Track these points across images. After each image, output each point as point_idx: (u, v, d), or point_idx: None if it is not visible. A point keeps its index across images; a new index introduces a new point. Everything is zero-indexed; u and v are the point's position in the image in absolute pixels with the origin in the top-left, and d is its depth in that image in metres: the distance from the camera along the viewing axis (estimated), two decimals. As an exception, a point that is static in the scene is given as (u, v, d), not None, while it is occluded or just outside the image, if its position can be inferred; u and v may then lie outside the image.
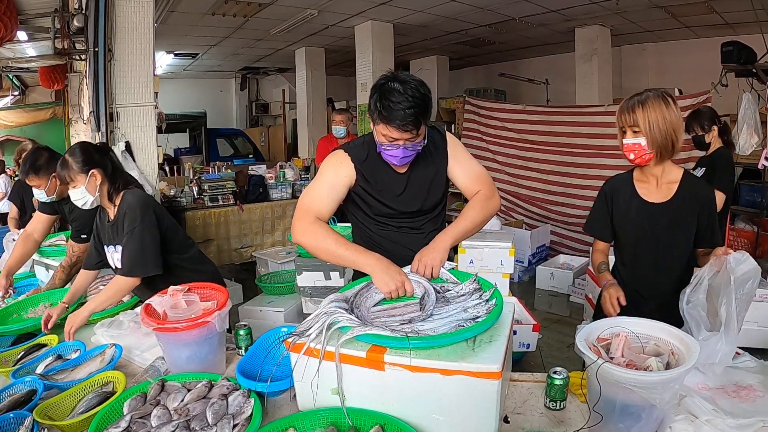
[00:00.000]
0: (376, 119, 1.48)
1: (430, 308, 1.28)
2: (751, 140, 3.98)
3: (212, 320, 1.42)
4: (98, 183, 1.89)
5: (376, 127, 1.50)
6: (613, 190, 1.73)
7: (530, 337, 3.05)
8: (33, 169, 2.31)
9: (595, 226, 1.79)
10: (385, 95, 1.43)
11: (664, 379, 1.04)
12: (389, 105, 1.42)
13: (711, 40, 6.12)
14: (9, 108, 7.87)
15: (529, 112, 5.82)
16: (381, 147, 1.53)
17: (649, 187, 1.66)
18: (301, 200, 1.58)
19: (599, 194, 1.78)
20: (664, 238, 1.63)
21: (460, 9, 5.87)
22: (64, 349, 1.70)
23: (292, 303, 3.25)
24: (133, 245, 1.82)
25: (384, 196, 1.63)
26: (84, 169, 1.87)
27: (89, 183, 1.87)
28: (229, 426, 1.15)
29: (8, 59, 5.26)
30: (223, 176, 5.24)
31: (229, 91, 12.28)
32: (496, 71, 8.90)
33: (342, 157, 1.62)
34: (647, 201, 1.65)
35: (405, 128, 1.44)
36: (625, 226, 1.70)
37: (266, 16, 6.12)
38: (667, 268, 1.65)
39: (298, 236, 1.53)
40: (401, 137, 1.46)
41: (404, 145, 1.48)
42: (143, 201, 1.89)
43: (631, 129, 1.57)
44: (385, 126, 1.45)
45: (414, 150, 1.52)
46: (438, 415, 1.09)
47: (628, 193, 1.69)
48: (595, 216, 1.79)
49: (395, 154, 1.51)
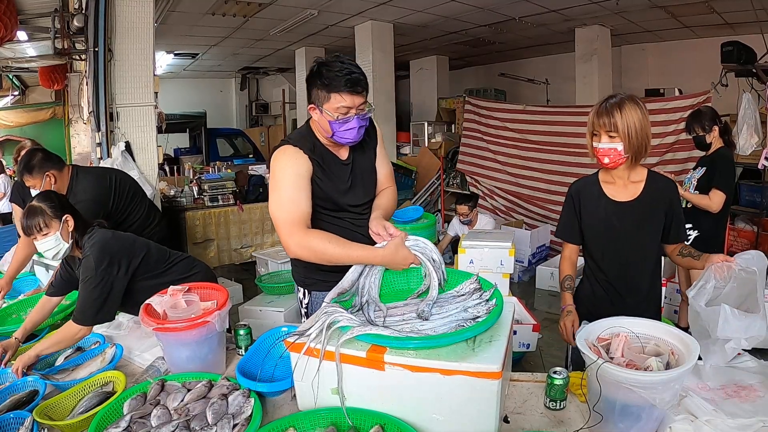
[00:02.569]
0: (324, 95, 1.45)
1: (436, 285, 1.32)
2: (751, 140, 3.97)
3: (212, 320, 1.43)
4: (70, 229, 1.79)
5: (325, 106, 1.46)
6: (579, 191, 1.73)
7: (530, 337, 3.05)
8: (27, 169, 2.31)
9: (564, 230, 1.78)
10: (327, 68, 1.44)
11: (664, 379, 1.04)
12: (335, 74, 1.43)
13: (711, 40, 6.12)
14: (9, 108, 7.88)
15: (529, 112, 5.82)
16: (334, 125, 1.48)
17: (615, 187, 1.66)
18: (276, 215, 1.47)
19: (566, 198, 1.77)
20: (634, 235, 1.63)
21: (460, 9, 5.87)
22: (84, 341, 1.72)
23: (292, 303, 3.25)
24: (85, 295, 1.70)
25: (336, 187, 1.59)
26: (58, 214, 1.77)
27: (63, 229, 1.76)
28: (229, 426, 1.15)
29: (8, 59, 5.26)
30: (223, 176, 5.23)
31: (229, 91, 12.28)
32: (496, 71, 8.91)
33: (293, 151, 1.53)
34: (615, 200, 1.65)
35: (355, 90, 1.44)
36: (595, 227, 1.70)
37: (266, 16, 6.12)
38: (638, 264, 1.67)
39: (296, 252, 1.46)
40: (353, 104, 1.45)
41: (357, 113, 1.47)
42: (101, 248, 1.74)
43: (607, 133, 1.55)
44: (337, 95, 1.43)
45: (365, 121, 1.51)
46: (438, 415, 1.09)
47: (595, 193, 1.69)
48: (563, 220, 1.79)
49: (350, 126, 1.48)
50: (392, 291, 1.46)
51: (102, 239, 1.78)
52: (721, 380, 1.30)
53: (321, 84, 1.45)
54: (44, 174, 2.31)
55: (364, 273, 1.44)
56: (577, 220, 1.73)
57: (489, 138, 6.20)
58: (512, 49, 8.29)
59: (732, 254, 1.45)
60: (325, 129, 1.51)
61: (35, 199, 1.81)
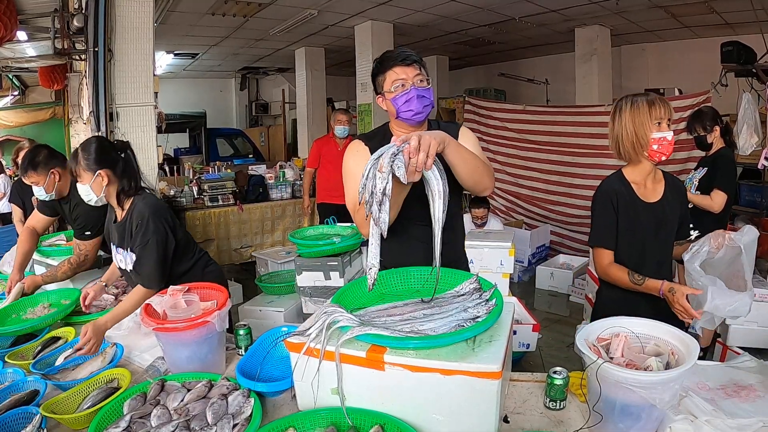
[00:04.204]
0: (382, 78, 1.55)
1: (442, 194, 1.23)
2: (751, 140, 3.97)
3: (212, 320, 1.42)
4: (104, 184, 1.87)
5: (385, 87, 1.54)
6: (617, 194, 1.64)
7: (530, 337, 3.05)
8: (31, 165, 2.30)
9: (604, 236, 1.65)
10: (382, 56, 1.57)
11: (664, 379, 1.04)
12: (386, 56, 1.55)
13: (711, 40, 6.12)
14: (9, 108, 7.87)
15: (529, 112, 5.82)
16: (396, 102, 1.53)
17: (641, 188, 1.66)
18: (348, 204, 1.56)
19: (601, 201, 1.66)
20: (664, 235, 1.66)
21: (460, 9, 5.87)
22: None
23: (292, 303, 3.25)
24: (149, 259, 1.82)
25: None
26: (91, 168, 1.85)
27: (95, 182, 1.85)
28: (228, 426, 1.15)
29: (8, 59, 5.26)
30: (223, 176, 5.24)
31: (229, 91, 12.27)
32: (496, 71, 8.91)
33: (356, 145, 1.65)
34: (646, 201, 1.65)
35: (407, 62, 1.51)
36: (632, 230, 1.63)
37: (266, 16, 6.12)
38: (666, 264, 1.70)
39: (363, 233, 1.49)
40: (407, 75, 1.51)
41: (414, 85, 1.51)
42: (155, 210, 1.86)
43: (666, 121, 1.56)
44: (390, 71, 1.52)
45: (426, 94, 1.53)
46: (438, 415, 1.09)
47: (629, 195, 1.65)
48: (602, 225, 1.65)
49: (410, 96, 1.50)
50: (392, 291, 1.46)
51: (154, 203, 1.90)
52: (721, 380, 1.30)
53: (378, 70, 1.57)
54: (49, 170, 2.31)
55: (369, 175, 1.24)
56: (615, 224, 1.63)
57: (489, 138, 6.20)
58: (512, 49, 8.29)
59: None
60: (392, 111, 1.57)
61: (81, 145, 1.90)
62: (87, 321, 1.94)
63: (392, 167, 1.16)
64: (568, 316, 4.17)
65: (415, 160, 1.18)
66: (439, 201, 1.24)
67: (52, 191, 2.34)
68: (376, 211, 1.18)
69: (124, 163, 1.93)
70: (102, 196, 1.89)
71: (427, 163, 1.18)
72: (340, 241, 2.65)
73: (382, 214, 1.17)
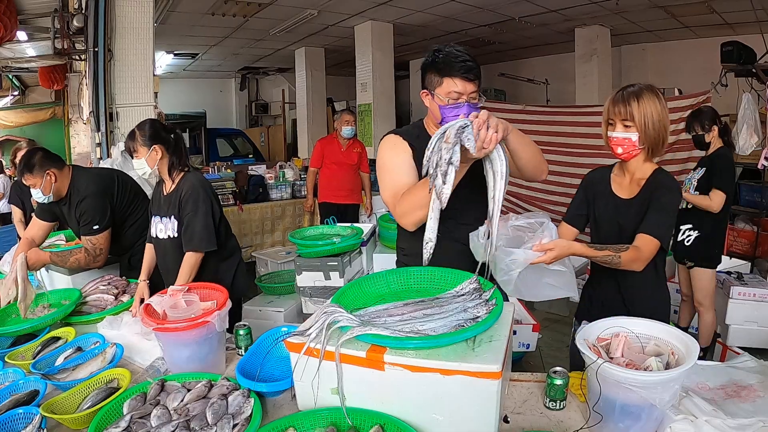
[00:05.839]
0: (437, 80, 1.49)
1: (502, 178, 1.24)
2: (751, 140, 3.98)
3: (212, 320, 1.43)
4: (158, 158, 2.12)
5: (437, 90, 1.50)
6: (593, 183, 1.72)
7: (530, 337, 3.05)
8: (27, 167, 2.30)
9: (570, 214, 1.76)
10: (443, 52, 1.47)
11: (664, 379, 1.04)
12: (450, 58, 1.46)
13: (711, 40, 6.12)
14: (9, 108, 7.88)
15: (529, 112, 5.81)
16: (444, 110, 1.50)
17: (622, 183, 1.65)
18: (384, 198, 1.57)
19: (581, 185, 1.77)
20: (629, 234, 1.57)
21: (460, 9, 5.87)
22: (84, 341, 1.71)
23: (292, 303, 3.25)
24: (200, 222, 2.07)
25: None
26: (147, 143, 2.10)
27: (150, 156, 2.11)
28: (228, 426, 1.15)
29: (8, 59, 5.26)
30: (223, 176, 5.24)
31: (229, 91, 12.26)
32: (496, 71, 8.91)
33: (393, 139, 1.62)
34: (617, 196, 1.65)
35: (468, 77, 1.46)
36: (602, 223, 1.69)
37: (266, 16, 6.12)
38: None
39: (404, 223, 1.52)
40: (465, 90, 1.47)
41: (468, 101, 1.48)
42: (204, 183, 2.15)
43: (622, 122, 1.51)
44: (450, 80, 1.46)
45: (476, 109, 1.46)
46: (438, 415, 1.09)
47: (603, 186, 1.68)
48: (572, 208, 1.77)
49: (460, 111, 1.46)
50: (392, 291, 1.46)
51: (202, 178, 2.19)
52: (721, 380, 1.30)
53: (435, 68, 1.49)
54: (45, 172, 2.30)
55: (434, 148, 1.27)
56: (585, 210, 1.72)
57: (489, 138, 6.20)
58: (512, 49, 8.30)
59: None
60: (435, 115, 1.54)
61: (137, 126, 2.16)
62: (87, 321, 1.95)
63: (461, 138, 1.18)
64: (568, 316, 4.16)
65: (484, 133, 1.20)
66: (501, 182, 1.26)
67: (49, 193, 2.34)
68: (440, 183, 1.20)
69: (174, 141, 2.20)
70: (155, 169, 2.15)
71: (497, 137, 1.21)
72: (340, 241, 2.65)
73: (445, 186, 1.20)
